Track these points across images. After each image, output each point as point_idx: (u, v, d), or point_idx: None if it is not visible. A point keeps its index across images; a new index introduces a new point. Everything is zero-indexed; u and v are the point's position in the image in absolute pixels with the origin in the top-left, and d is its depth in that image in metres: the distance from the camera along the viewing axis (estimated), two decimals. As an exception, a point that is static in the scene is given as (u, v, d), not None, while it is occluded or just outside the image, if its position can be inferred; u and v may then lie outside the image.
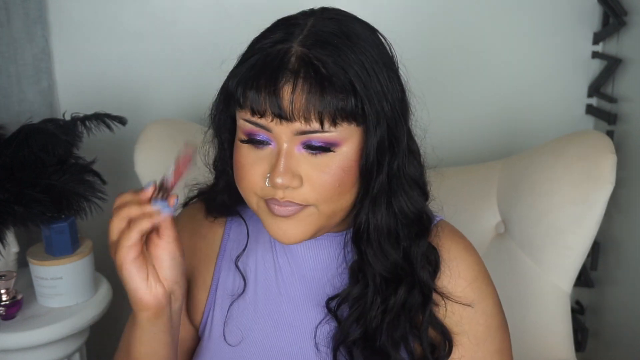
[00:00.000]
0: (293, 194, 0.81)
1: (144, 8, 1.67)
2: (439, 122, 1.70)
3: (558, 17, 1.73)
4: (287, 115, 0.78)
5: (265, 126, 0.80)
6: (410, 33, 1.68)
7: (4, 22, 1.57)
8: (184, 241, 0.99)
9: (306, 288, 0.94)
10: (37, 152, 1.37)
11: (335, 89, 0.78)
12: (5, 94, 1.60)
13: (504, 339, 0.94)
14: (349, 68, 0.79)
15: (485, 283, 0.93)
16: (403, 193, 0.86)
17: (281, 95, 0.78)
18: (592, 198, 1.28)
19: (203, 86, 1.83)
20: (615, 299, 1.71)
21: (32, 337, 1.33)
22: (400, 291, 0.87)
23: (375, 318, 0.87)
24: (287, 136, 0.80)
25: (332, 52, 0.79)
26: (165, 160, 1.41)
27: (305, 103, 0.77)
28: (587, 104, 1.78)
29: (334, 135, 0.80)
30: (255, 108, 0.79)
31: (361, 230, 0.86)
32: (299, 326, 0.92)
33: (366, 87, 0.80)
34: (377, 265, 0.86)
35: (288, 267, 0.95)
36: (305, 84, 0.78)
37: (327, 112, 0.78)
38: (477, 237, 1.34)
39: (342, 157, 0.81)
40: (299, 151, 0.81)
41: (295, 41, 0.80)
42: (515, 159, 1.42)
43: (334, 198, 0.82)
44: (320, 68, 0.78)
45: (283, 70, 0.78)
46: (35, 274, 1.40)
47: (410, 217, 0.87)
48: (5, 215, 1.33)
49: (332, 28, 0.82)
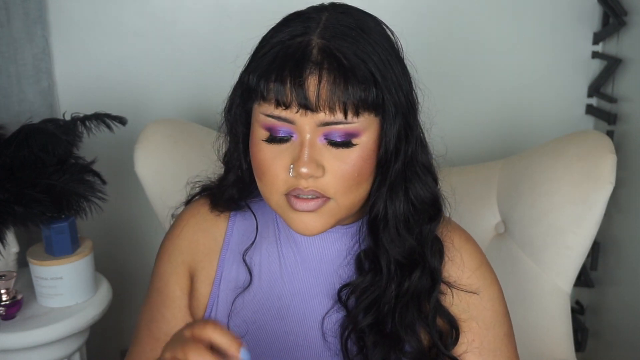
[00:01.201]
0: (316, 183, 0.83)
1: (144, 8, 1.67)
2: (439, 121, 1.70)
3: (558, 17, 1.73)
4: (313, 106, 0.79)
5: (288, 118, 0.81)
6: (411, 33, 1.68)
7: (4, 22, 1.57)
8: (187, 237, 1.00)
9: (312, 279, 0.94)
10: (37, 152, 1.37)
11: (357, 79, 0.80)
12: (5, 94, 1.60)
13: (509, 324, 0.97)
14: (369, 59, 0.81)
15: (488, 270, 0.96)
16: (418, 179, 0.89)
17: (306, 87, 0.79)
18: (592, 198, 1.28)
19: (203, 86, 1.84)
20: (615, 299, 1.71)
21: (32, 337, 1.33)
22: (414, 275, 0.89)
23: (388, 304, 0.89)
24: (310, 127, 0.81)
25: (351, 43, 0.81)
26: (165, 160, 1.42)
27: (329, 94, 0.79)
28: (587, 104, 1.78)
29: (355, 126, 0.81)
30: (280, 99, 0.80)
31: (379, 218, 0.88)
32: (304, 317, 0.93)
33: (384, 77, 0.82)
34: (394, 251, 0.88)
35: (293, 260, 0.95)
36: (330, 75, 0.79)
37: (350, 102, 0.80)
38: (477, 237, 1.32)
39: (361, 147, 0.83)
40: (321, 142, 0.82)
41: (314, 34, 0.82)
42: (515, 159, 1.42)
43: (353, 188, 0.84)
44: (342, 59, 0.80)
45: (307, 61, 0.79)
46: (35, 274, 1.40)
47: (426, 202, 0.90)
48: (5, 215, 1.33)
49: (347, 21, 0.84)
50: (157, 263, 1.02)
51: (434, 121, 0.95)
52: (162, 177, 1.40)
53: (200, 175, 1.05)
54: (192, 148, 1.42)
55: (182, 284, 0.99)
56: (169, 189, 1.32)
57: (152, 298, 1.01)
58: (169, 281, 1.00)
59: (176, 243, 1.01)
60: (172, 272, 1.00)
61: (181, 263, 1.00)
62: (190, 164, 1.31)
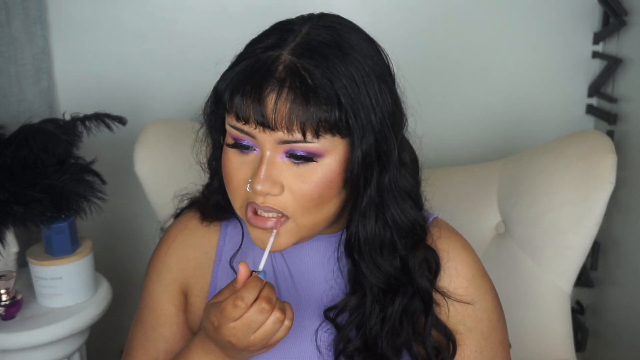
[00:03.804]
0: (274, 200, 0.81)
1: (144, 8, 1.67)
2: (440, 121, 1.71)
3: (558, 17, 1.73)
4: (270, 124, 0.78)
5: (249, 133, 0.80)
6: (411, 33, 1.68)
7: (4, 22, 1.57)
8: (175, 253, 0.99)
9: (304, 290, 0.94)
10: (37, 152, 1.37)
11: (319, 100, 0.78)
12: (5, 94, 1.60)
13: (504, 330, 0.96)
14: (336, 80, 0.79)
15: (483, 280, 0.95)
16: (395, 205, 0.86)
17: (265, 104, 0.78)
18: (592, 198, 1.28)
19: (203, 86, 1.83)
20: (615, 299, 1.71)
21: (32, 337, 1.33)
22: (397, 301, 0.88)
23: (375, 326, 0.88)
24: (270, 144, 0.80)
25: (320, 62, 0.79)
26: (165, 160, 1.42)
27: (288, 113, 0.77)
28: (587, 104, 1.78)
29: (316, 146, 0.79)
30: (240, 114, 0.80)
31: (352, 241, 0.86)
32: (299, 328, 0.92)
33: (353, 99, 0.79)
34: (372, 277, 0.87)
35: (286, 269, 0.95)
36: (290, 93, 0.77)
37: (310, 123, 0.78)
38: (477, 237, 1.34)
39: (324, 168, 0.81)
40: (282, 159, 0.81)
41: (286, 49, 0.80)
42: (515, 159, 1.42)
43: (312, 209, 0.82)
44: (306, 78, 0.78)
45: (269, 78, 0.78)
46: (35, 274, 1.40)
47: (404, 229, 0.87)
48: (5, 215, 1.33)
49: (325, 37, 0.81)
50: (146, 282, 1.02)
51: (430, 128, 0.93)
52: (162, 177, 1.40)
53: (188, 188, 1.05)
54: (191, 148, 1.41)
55: (175, 300, 0.99)
56: (169, 189, 1.31)
57: (144, 317, 1.00)
58: (160, 300, 0.99)
59: (164, 261, 1.00)
60: (163, 291, 0.99)
61: (171, 281, 0.99)
62: (189, 164, 1.31)
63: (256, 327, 0.78)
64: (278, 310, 0.78)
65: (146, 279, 1.02)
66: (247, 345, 0.79)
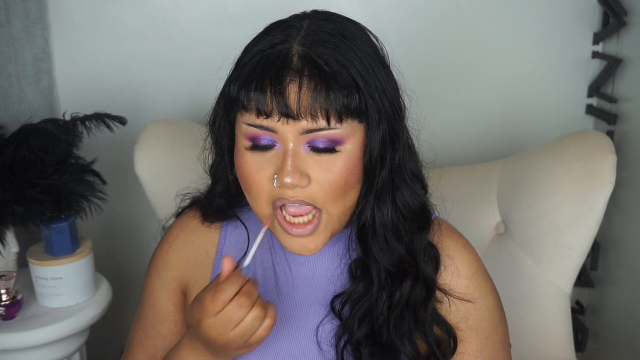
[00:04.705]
0: (303, 192, 0.82)
1: (144, 8, 1.67)
2: (439, 121, 1.71)
3: (558, 17, 1.73)
4: (294, 113, 0.79)
5: (270, 127, 0.80)
6: (411, 32, 1.68)
7: (4, 22, 1.57)
8: (175, 252, 0.99)
9: (306, 288, 0.94)
10: (37, 152, 1.37)
11: (339, 85, 0.79)
12: (5, 94, 1.60)
13: (505, 329, 0.97)
14: (350, 65, 0.80)
15: (484, 279, 0.95)
16: (406, 187, 0.88)
17: (287, 95, 0.78)
18: (592, 198, 1.28)
19: (203, 86, 1.83)
20: (615, 299, 1.71)
21: (32, 337, 1.33)
22: (405, 285, 0.88)
23: (381, 314, 0.88)
24: (293, 135, 0.80)
25: (332, 50, 0.80)
26: (165, 160, 1.42)
27: (311, 101, 0.78)
28: (587, 104, 1.78)
29: (339, 132, 0.80)
30: (261, 109, 0.80)
31: (366, 227, 0.87)
32: (299, 326, 0.93)
33: (367, 83, 0.81)
34: (383, 260, 0.87)
35: (287, 268, 0.95)
36: (311, 82, 0.78)
37: (333, 109, 0.79)
38: (477, 237, 1.34)
39: (346, 154, 0.82)
40: (305, 150, 0.81)
41: (294, 41, 0.81)
42: (515, 159, 1.42)
43: (340, 197, 0.83)
44: (323, 66, 0.79)
45: (287, 69, 0.79)
46: (35, 274, 1.40)
47: (414, 210, 0.89)
48: (5, 215, 1.33)
49: (328, 28, 0.83)
50: (147, 280, 1.02)
51: (430, 128, 0.94)
52: (162, 177, 1.40)
53: (189, 187, 1.05)
54: (192, 148, 1.42)
55: (175, 299, 0.99)
56: (169, 188, 1.32)
57: (144, 314, 1.01)
58: (160, 298, 0.99)
59: (165, 259, 1.00)
60: (163, 289, 0.99)
61: (171, 279, 0.99)
62: (190, 164, 1.31)
63: (235, 323, 0.78)
64: (258, 307, 0.78)
65: (147, 277, 1.02)
66: (227, 341, 0.79)
